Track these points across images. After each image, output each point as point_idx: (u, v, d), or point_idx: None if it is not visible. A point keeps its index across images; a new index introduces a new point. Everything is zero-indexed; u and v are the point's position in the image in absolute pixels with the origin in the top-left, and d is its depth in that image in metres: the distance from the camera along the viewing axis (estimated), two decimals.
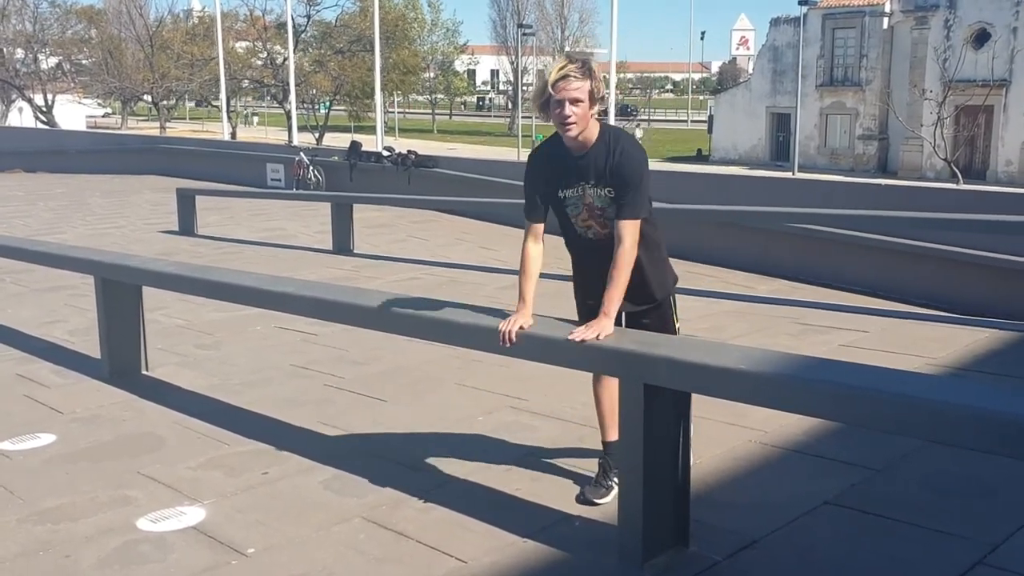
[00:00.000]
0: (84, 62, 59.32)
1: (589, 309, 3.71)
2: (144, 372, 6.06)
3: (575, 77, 3.41)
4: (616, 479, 3.74)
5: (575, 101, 3.40)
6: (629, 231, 3.51)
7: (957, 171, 27.89)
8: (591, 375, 3.94)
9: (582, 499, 3.90)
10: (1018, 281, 9.33)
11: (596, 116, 3.54)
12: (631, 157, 3.53)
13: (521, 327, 3.64)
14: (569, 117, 3.41)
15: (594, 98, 3.45)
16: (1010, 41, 38.77)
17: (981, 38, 39.74)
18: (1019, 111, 39.26)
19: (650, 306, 3.76)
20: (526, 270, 3.78)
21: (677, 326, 3.89)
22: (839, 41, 45.49)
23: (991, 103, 37.80)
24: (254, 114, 66.51)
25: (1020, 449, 2.67)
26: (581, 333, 3.48)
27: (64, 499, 4.12)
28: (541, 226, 3.76)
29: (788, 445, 4.54)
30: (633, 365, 3.33)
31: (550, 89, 3.43)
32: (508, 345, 3.64)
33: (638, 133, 39.70)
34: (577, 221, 3.68)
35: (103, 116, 67.31)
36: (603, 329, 3.47)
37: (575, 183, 3.60)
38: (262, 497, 4.12)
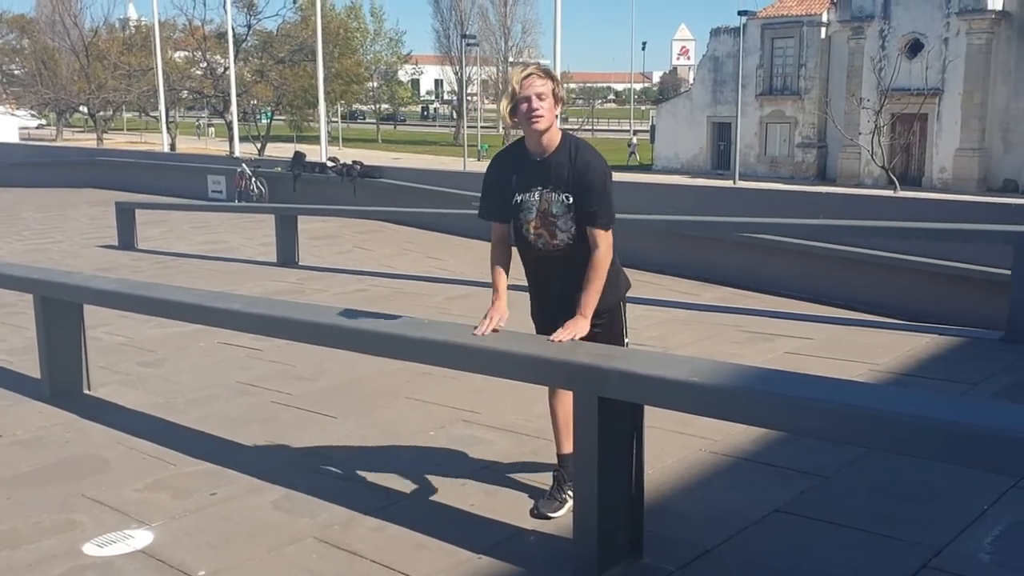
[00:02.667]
0: (16, 72, 58.08)
1: (542, 321, 3.81)
2: (86, 392, 5.92)
3: (538, 76, 3.61)
4: (570, 492, 3.75)
5: (540, 96, 3.58)
6: (602, 238, 3.64)
7: (894, 178, 28.49)
8: (545, 388, 3.94)
9: (536, 513, 3.90)
10: (957, 286, 9.55)
11: (559, 124, 3.71)
12: (593, 166, 3.65)
13: (496, 328, 3.74)
14: (536, 110, 3.57)
15: (557, 97, 3.63)
16: (942, 51, 39.82)
17: (915, 48, 40.74)
18: (952, 119, 40.31)
19: (602, 312, 3.74)
20: (493, 262, 3.89)
21: (626, 340, 3.91)
22: (778, 51, 46.31)
23: (925, 111, 38.76)
24: (209, 125, 63.98)
25: (961, 455, 2.73)
26: (559, 335, 3.57)
27: (5, 525, 4.01)
28: (504, 227, 3.84)
29: (737, 454, 4.59)
30: (587, 378, 3.34)
31: (515, 87, 3.61)
32: None
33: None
34: (529, 228, 3.73)
35: (37, 128, 65.89)
36: (579, 330, 3.59)
37: (532, 186, 3.69)
38: (212, 518, 4.05)
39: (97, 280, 6.37)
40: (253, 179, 19.55)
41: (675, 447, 4.63)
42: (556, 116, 3.66)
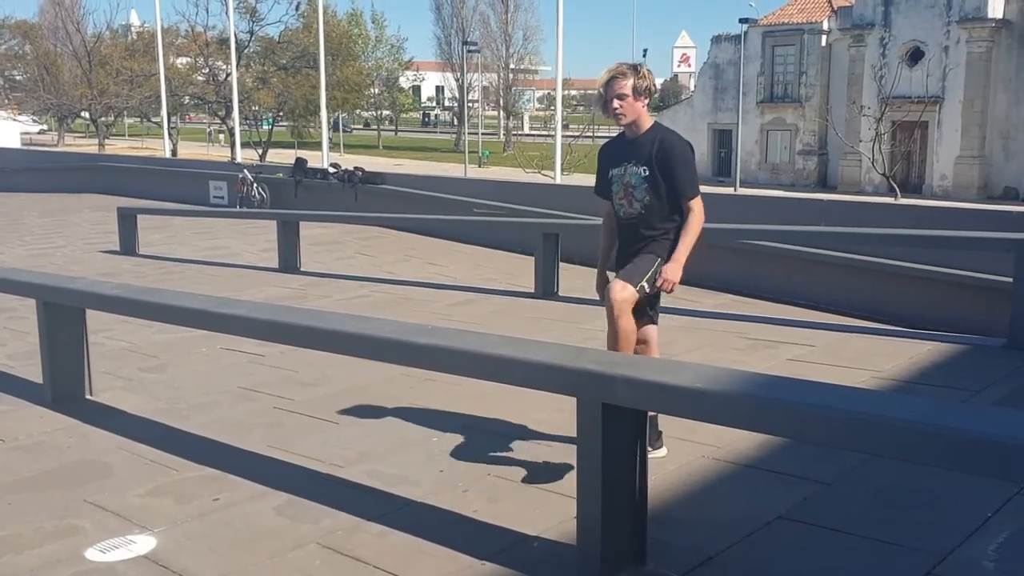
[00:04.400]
0: (19, 78, 58.19)
1: (620, 263, 4.49)
2: (88, 397, 5.92)
3: (618, 77, 4.22)
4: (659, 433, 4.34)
5: (620, 96, 4.23)
6: (694, 204, 4.33)
7: (895, 186, 28.54)
8: (549, 394, 3.93)
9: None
10: (959, 293, 9.54)
11: (648, 111, 4.37)
12: (676, 146, 4.29)
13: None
14: (617, 109, 4.26)
15: (639, 91, 4.23)
16: (942, 59, 39.92)
17: (915, 56, 40.84)
18: (952, 127, 40.38)
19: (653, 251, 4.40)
20: (602, 237, 4.72)
21: (643, 284, 4.34)
22: (779, 58, 46.43)
23: (926, 119, 38.84)
24: (220, 132, 62.48)
25: (966, 462, 2.73)
26: (664, 279, 4.28)
27: (7, 530, 4.00)
28: (608, 202, 4.55)
29: (740, 460, 4.59)
30: (591, 385, 3.34)
31: (601, 91, 4.29)
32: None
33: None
34: (616, 198, 4.45)
35: (39, 133, 65.98)
36: (672, 274, 4.26)
37: (621, 163, 4.39)
38: (214, 524, 4.04)
39: (100, 285, 6.36)
40: (255, 185, 19.54)
41: (679, 453, 4.63)
42: (644, 105, 4.29)
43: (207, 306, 5.10)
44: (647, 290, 4.34)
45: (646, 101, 4.30)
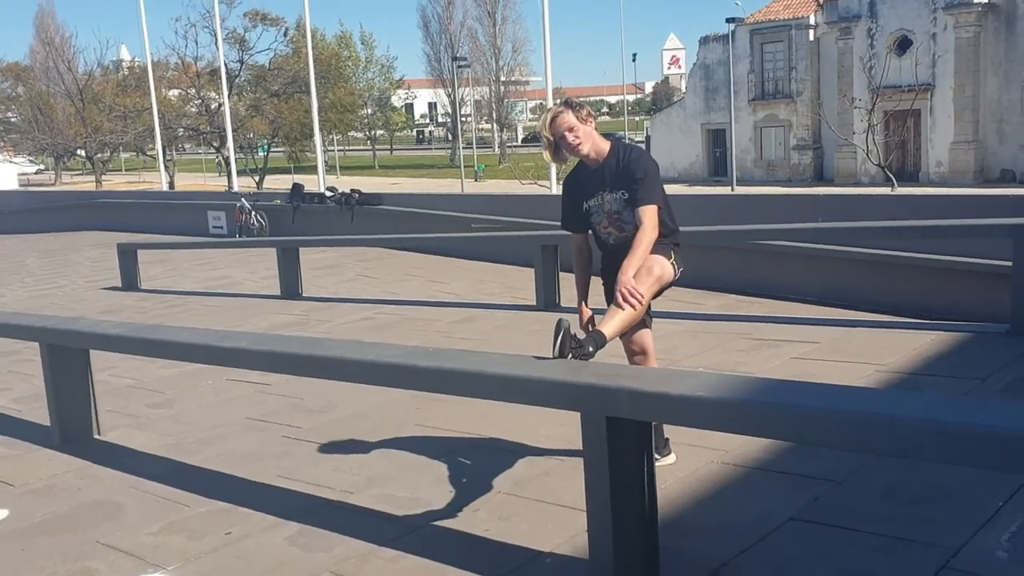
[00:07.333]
0: (13, 119, 58.43)
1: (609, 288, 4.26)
2: (96, 436, 5.93)
3: (558, 115, 4.15)
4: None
5: (570, 128, 4.14)
6: (647, 214, 4.06)
7: (891, 176, 28.55)
8: (552, 409, 3.94)
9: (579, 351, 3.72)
10: (961, 280, 9.54)
11: (601, 133, 4.27)
12: (637, 160, 4.18)
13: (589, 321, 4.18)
14: (573, 141, 4.15)
15: (582, 119, 4.17)
16: (931, 46, 39.96)
17: (903, 45, 40.88)
18: (945, 113, 40.39)
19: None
20: (575, 274, 4.47)
21: (675, 267, 4.26)
22: (768, 55, 46.51)
23: (918, 107, 38.87)
24: (216, 162, 61.72)
25: (978, 458, 2.72)
26: (621, 291, 3.88)
27: None
28: (581, 236, 4.42)
29: (750, 463, 4.59)
30: (593, 398, 3.34)
31: (547, 136, 4.18)
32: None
33: None
34: (600, 229, 4.33)
35: (36, 173, 66.18)
36: (623, 283, 3.88)
37: (595, 192, 4.26)
38: (227, 558, 4.05)
39: (102, 325, 6.38)
40: (253, 213, 19.61)
41: (687, 459, 4.62)
42: (593, 128, 4.20)
43: (209, 340, 5.12)
44: (678, 268, 4.26)
45: (593, 124, 4.23)
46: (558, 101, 4.34)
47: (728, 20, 44.78)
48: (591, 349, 3.75)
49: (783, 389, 3.29)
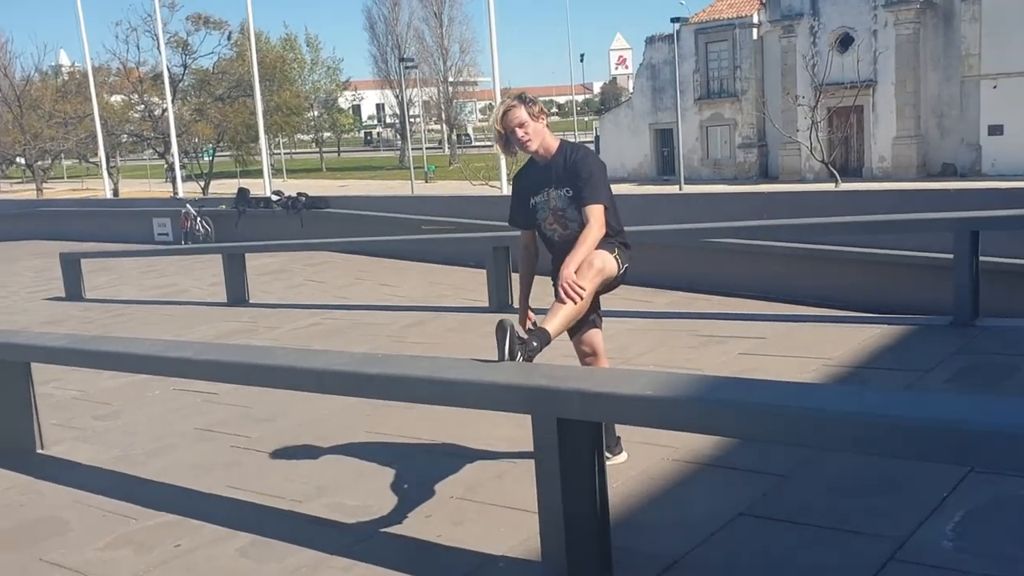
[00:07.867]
0: None
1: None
2: (40, 451, 5.80)
3: (510, 109, 4.19)
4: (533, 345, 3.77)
5: (520, 124, 4.17)
6: (593, 213, 4.08)
7: (835, 172, 29.00)
8: (504, 413, 3.93)
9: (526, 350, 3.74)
10: (904, 274, 9.72)
11: (551, 132, 4.33)
12: (584, 159, 4.22)
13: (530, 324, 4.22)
14: (523, 137, 4.19)
15: (534, 115, 4.20)
16: (872, 43, 40.68)
17: (845, 42, 41.57)
18: (887, 109, 41.14)
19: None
20: (520, 273, 4.55)
21: (619, 262, 4.20)
22: (712, 55, 47.00)
23: (860, 103, 39.56)
24: (182, 167, 61.75)
25: (923, 450, 2.76)
26: (562, 285, 3.92)
27: None
28: (529, 233, 4.47)
29: (699, 459, 4.62)
30: (544, 401, 3.35)
31: (499, 129, 4.23)
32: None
33: None
34: (545, 225, 4.35)
35: None
36: (564, 277, 3.93)
37: (541, 189, 4.30)
38: (177, 571, 3.98)
39: (44, 337, 6.26)
40: (198, 219, 19.38)
41: (638, 457, 4.65)
42: (544, 126, 4.24)
43: (155, 351, 5.04)
44: (622, 264, 4.21)
45: (545, 121, 4.26)
46: (512, 96, 4.33)
47: (673, 20, 45.19)
48: (535, 345, 3.77)
49: (731, 386, 3.33)
